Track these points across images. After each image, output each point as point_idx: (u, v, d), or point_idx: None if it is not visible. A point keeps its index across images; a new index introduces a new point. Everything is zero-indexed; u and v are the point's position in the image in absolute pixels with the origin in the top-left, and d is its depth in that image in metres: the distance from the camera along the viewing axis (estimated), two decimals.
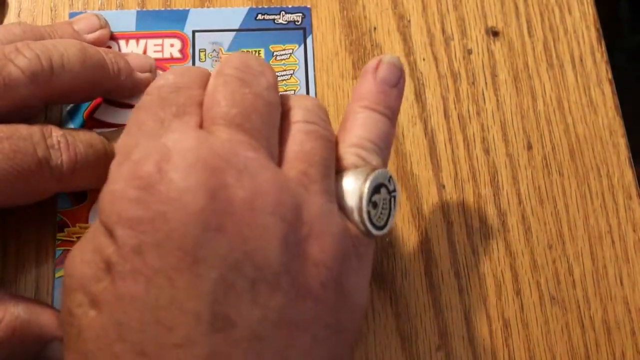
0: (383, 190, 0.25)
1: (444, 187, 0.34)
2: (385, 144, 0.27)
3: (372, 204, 0.25)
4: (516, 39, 0.37)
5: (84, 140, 0.29)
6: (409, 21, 0.37)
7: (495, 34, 0.37)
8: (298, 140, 0.25)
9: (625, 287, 0.33)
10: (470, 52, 0.37)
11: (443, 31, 0.37)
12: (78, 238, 0.32)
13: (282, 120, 0.25)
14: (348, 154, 0.26)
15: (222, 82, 0.25)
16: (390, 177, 0.26)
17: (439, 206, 0.34)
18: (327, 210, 0.24)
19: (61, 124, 0.34)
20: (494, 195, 0.34)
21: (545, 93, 0.36)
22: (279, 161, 0.24)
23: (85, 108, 0.34)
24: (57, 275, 0.31)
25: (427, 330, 0.32)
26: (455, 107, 0.36)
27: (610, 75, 0.37)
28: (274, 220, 0.22)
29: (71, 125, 0.34)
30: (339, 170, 0.25)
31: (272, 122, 0.25)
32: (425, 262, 0.33)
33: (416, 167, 0.34)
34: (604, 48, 0.37)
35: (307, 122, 0.25)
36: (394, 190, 0.26)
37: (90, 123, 0.34)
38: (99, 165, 0.30)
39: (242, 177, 0.22)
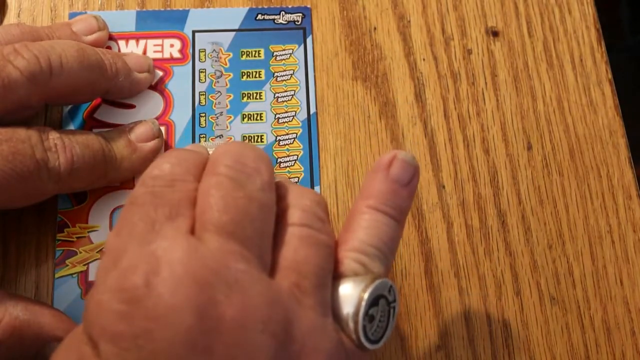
0: (382, 301, 0.24)
1: (444, 187, 0.34)
2: (390, 248, 0.25)
3: (369, 317, 0.23)
4: (516, 39, 0.37)
5: (81, 141, 0.30)
6: (409, 21, 0.37)
7: (495, 34, 0.37)
8: (292, 246, 0.24)
9: (625, 287, 0.33)
10: (470, 52, 0.37)
11: (443, 31, 0.37)
12: (78, 238, 0.32)
13: (277, 220, 0.24)
14: (348, 259, 0.25)
15: (215, 183, 0.23)
16: (391, 286, 0.24)
17: (439, 206, 0.34)
18: (320, 325, 0.23)
19: (61, 124, 0.34)
20: (493, 195, 0.34)
21: (545, 93, 0.36)
22: (272, 268, 0.23)
23: (85, 108, 0.34)
24: (57, 275, 0.31)
25: (427, 330, 0.32)
26: (455, 107, 0.36)
27: (610, 75, 0.37)
28: (264, 339, 0.21)
29: (71, 126, 0.34)
30: (337, 276, 0.24)
31: (265, 227, 0.23)
32: (425, 262, 0.33)
33: None
34: (603, 48, 0.37)
35: (303, 225, 0.24)
36: (394, 301, 0.24)
37: (90, 123, 0.34)
38: (96, 166, 0.30)
39: (232, 293, 0.21)
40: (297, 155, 0.34)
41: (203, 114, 0.35)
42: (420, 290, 0.32)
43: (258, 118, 0.35)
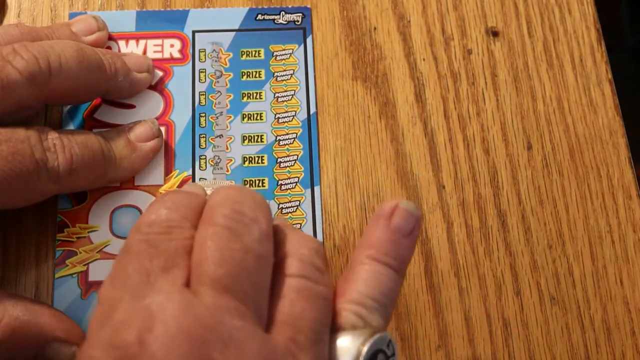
0: (380, 356, 0.23)
1: (444, 187, 0.34)
2: (390, 300, 0.25)
3: None
4: (516, 39, 0.37)
5: (80, 141, 0.29)
6: (409, 21, 0.37)
7: (495, 34, 0.37)
8: (289, 300, 0.23)
9: (625, 287, 0.33)
10: (470, 52, 0.37)
11: (443, 31, 0.37)
12: (78, 238, 0.32)
13: (275, 270, 0.24)
14: (347, 311, 0.24)
15: (212, 234, 0.23)
16: (390, 341, 0.24)
17: (439, 206, 0.34)
18: None
19: (61, 124, 0.34)
20: (493, 195, 0.34)
21: (545, 93, 0.36)
22: (269, 321, 0.23)
23: (85, 108, 0.34)
24: (57, 275, 0.31)
25: (427, 330, 0.32)
26: (455, 108, 0.36)
27: (610, 76, 0.37)
28: None
29: (71, 126, 0.34)
30: (335, 329, 0.24)
31: (262, 280, 0.23)
32: (425, 262, 0.33)
33: (416, 167, 0.34)
34: (603, 48, 0.37)
35: (301, 276, 0.24)
36: (392, 355, 0.24)
37: (90, 123, 0.34)
38: (95, 166, 0.30)
39: (228, 350, 0.20)
40: (297, 155, 0.34)
41: (203, 114, 0.35)
42: (420, 290, 0.32)
43: (258, 118, 0.35)
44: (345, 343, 0.23)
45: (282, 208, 0.33)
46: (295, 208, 0.33)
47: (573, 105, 0.36)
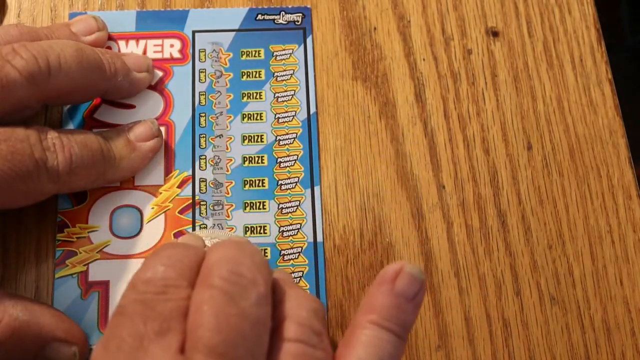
0: None
1: (444, 187, 0.34)
2: None
3: None
4: (516, 39, 0.37)
5: (80, 141, 0.29)
6: (409, 21, 0.37)
7: (495, 34, 0.37)
8: None
9: (625, 287, 0.33)
10: (470, 52, 0.37)
11: (443, 31, 0.37)
12: (78, 238, 0.32)
13: (272, 332, 0.24)
14: None
15: (208, 298, 0.23)
16: None
17: (439, 206, 0.34)
18: None
19: (61, 124, 0.34)
20: (494, 195, 0.34)
21: (545, 93, 0.36)
22: None
23: (85, 108, 0.34)
24: (57, 275, 0.31)
25: (427, 330, 0.32)
26: (455, 108, 0.36)
27: (610, 75, 0.37)
28: None
29: (71, 126, 0.34)
30: None
31: (258, 346, 0.23)
32: (425, 262, 0.33)
33: (416, 168, 0.34)
34: (603, 48, 0.37)
35: (299, 341, 0.23)
36: None
37: (90, 123, 0.34)
38: (95, 165, 0.30)
39: None
40: (297, 155, 0.34)
41: (203, 114, 0.35)
42: None
43: (258, 118, 0.35)
44: None
45: (282, 208, 0.33)
46: (295, 208, 0.33)
47: (573, 105, 0.36)
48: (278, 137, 0.34)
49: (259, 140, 0.34)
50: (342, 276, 0.32)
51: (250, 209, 0.33)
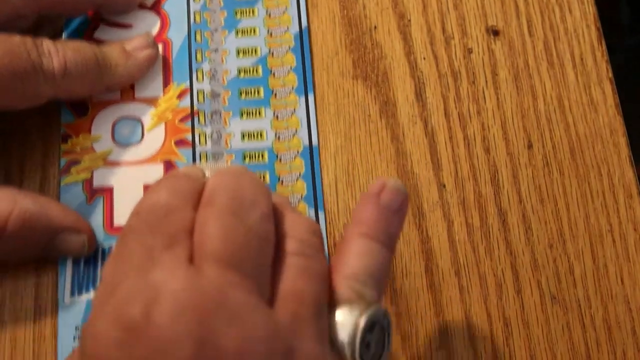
0: (377, 328, 0.24)
1: (444, 186, 0.34)
2: (382, 274, 0.26)
3: (365, 344, 0.23)
4: (516, 38, 0.37)
5: (73, 47, 0.31)
6: (409, 20, 0.37)
7: (495, 33, 0.37)
8: (290, 277, 0.24)
9: (626, 286, 0.33)
10: (470, 51, 0.37)
11: (443, 30, 0.37)
12: (82, 148, 0.33)
13: (275, 248, 0.24)
14: (342, 286, 0.25)
15: (213, 214, 0.23)
16: (385, 312, 0.24)
17: (440, 205, 0.34)
18: (319, 353, 0.23)
19: None
20: (494, 194, 0.34)
21: (545, 92, 0.36)
22: (271, 298, 0.23)
23: (85, 28, 0.35)
24: (62, 182, 0.33)
25: (427, 330, 0.32)
26: (455, 106, 0.36)
27: (610, 74, 0.37)
28: None
29: None
30: (331, 304, 0.24)
31: (264, 258, 0.24)
32: (425, 262, 0.33)
33: (417, 166, 0.34)
34: (604, 47, 0.37)
35: (300, 254, 0.24)
36: (389, 326, 0.25)
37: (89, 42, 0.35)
38: (89, 70, 0.31)
39: (232, 324, 0.21)
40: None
41: (199, 31, 0.36)
42: (421, 290, 0.32)
43: (252, 33, 0.36)
44: (343, 317, 0.24)
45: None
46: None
47: (573, 104, 0.36)
48: (272, 50, 0.36)
49: (254, 53, 0.36)
50: None
51: (247, 116, 0.34)
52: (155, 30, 0.36)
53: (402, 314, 0.32)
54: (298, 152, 0.34)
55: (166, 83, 0.35)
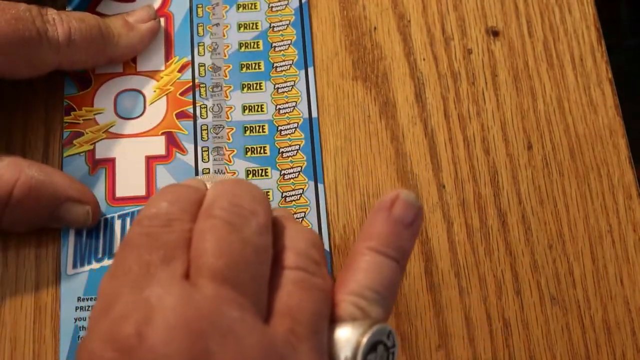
0: (380, 347, 0.23)
1: (444, 187, 0.34)
2: (390, 291, 0.25)
3: None
4: (516, 39, 0.37)
5: (77, 17, 0.31)
6: (409, 21, 0.37)
7: (495, 33, 0.37)
8: (286, 291, 0.23)
9: (625, 287, 0.33)
10: (470, 52, 0.37)
11: (443, 31, 0.37)
12: (84, 120, 0.34)
13: (273, 262, 0.24)
14: (346, 302, 0.24)
15: (210, 226, 0.23)
16: (390, 332, 0.24)
17: (439, 206, 0.34)
18: None
19: None
20: (494, 195, 0.34)
21: (545, 93, 0.36)
22: (267, 313, 0.23)
23: (88, 3, 0.35)
24: (65, 154, 0.33)
25: (427, 330, 0.32)
26: (455, 107, 0.36)
27: (610, 75, 0.37)
28: None
29: None
30: (335, 320, 0.24)
31: (260, 271, 0.23)
32: (425, 262, 0.33)
33: (416, 167, 0.34)
34: (604, 48, 0.37)
35: (298, 268, 0.24)
36: (393, 346, 0.24)
37: None
38: (93, 40, 0.32)
39: (227, 343, 0.21)
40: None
41: (200, 5, 0.36)
42: (421, 290, 0.32)
43: (252, 7, 0.36)
44: (345, 334, 0.23)
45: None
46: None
47: (573, 105, 0.36)
48: (272, 24, 0.36)
49: (254, 27, 0.36)
50: None
51: (247, 89, 0.35)
52: (157, 4, 0.36)
53: (402, 314, 0.32)
54: (298, 124, 0.35)
55: (168, 57, 0.35)
